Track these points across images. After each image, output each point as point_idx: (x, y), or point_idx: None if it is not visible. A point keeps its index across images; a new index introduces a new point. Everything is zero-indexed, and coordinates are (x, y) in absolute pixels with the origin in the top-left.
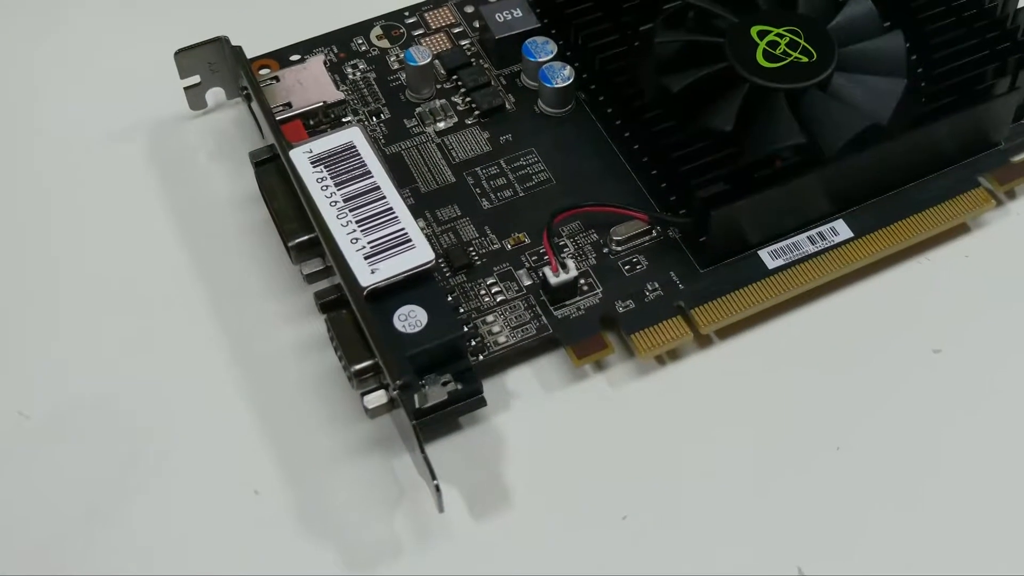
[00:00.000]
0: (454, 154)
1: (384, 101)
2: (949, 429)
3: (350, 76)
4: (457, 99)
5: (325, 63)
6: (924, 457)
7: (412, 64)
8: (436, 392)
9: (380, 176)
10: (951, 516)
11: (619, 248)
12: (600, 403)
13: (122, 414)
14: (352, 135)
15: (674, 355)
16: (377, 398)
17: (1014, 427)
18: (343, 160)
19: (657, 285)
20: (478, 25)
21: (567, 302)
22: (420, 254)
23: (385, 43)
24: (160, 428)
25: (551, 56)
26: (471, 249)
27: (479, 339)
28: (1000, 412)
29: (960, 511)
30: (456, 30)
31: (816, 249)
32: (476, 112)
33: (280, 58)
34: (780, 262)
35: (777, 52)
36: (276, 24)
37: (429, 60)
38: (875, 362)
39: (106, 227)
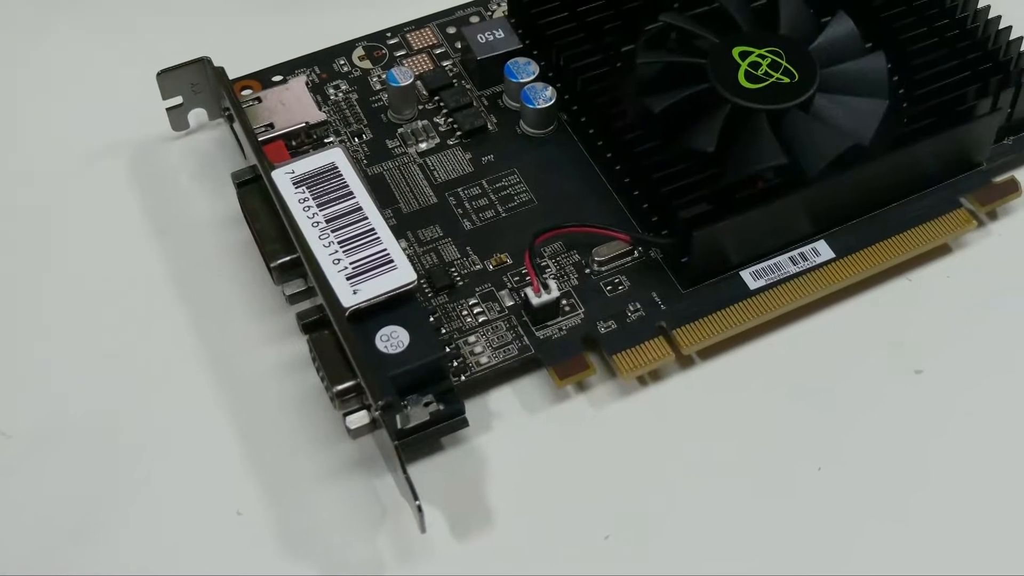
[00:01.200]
0: (436, 175)
1: (366, 122)
2: (931, 449)
3: (332, 97)
4: (439, 120)
5: (307, 84)
6: (906, 477)
7: (394, 85)
8: (418, 413)
9: (362, 197)
10: (935, 536)
11: (601, 269)
12: (582, 424)
13: (104, 434)
14: (334, 156)
15: (656, 376)
16: (359, 418)
17: (996, 447)
18: (325, 181)
19: (639, 306)
20: (460, 46)
21: (549, 323)
22: (402, 275)
23: (367, 64)
24: (142, 448)
25: (533, 77)
26: (453, 270)
27: (461, 359)
28: (982, 432)
29: (943, 530)
30: (438, 51)
31: (798, 269)
32: (458, 133)
33: (262, 79)
34: (762, 283)
35: (759, 73)
36: (258, 45)
37: (411, 81)
38: (857, 382)
39: (89, 247)
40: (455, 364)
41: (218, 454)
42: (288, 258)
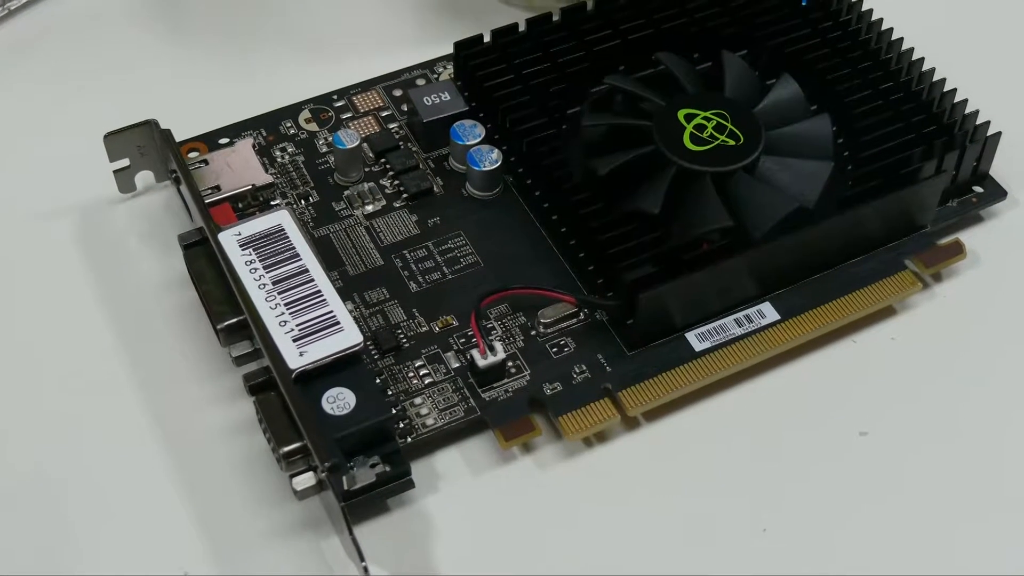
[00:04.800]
0: (382, 237)
1: (313, 184)
2: (876, 512)
3: (279, 159)
4: (385, 182)
5: (254, 146)
6: (851, 540)
7: (340, 147)
8: (364, 474)
9: (309, 259)
10: None
11: (547, 331)
12: (528, 485)
13: (50, 497)
14: (281, 218)
15: (602, 437)
16: (306, 480)
17: (939, 510)
18: (272, 243)
19: (585, 367)
20: (406, 108)
21: (495, 384)
22: (348, 337)
23: (314, 126)
24: (88, 509)
25: (479, 139)
26: (399, 331)
27: (407, 421)
28: (926, 495)
29: None
30: (384, 113)
31: (743, 331)
32: (404, 195)
33: (209, 141)
34: (707, 344)
35: (704, 135)
36: (205, 107)
37: (357, 143)
38: (802, 444)
39: (34, 309)
40: (401, 426)
41: (165, 515)
42: (235, 320)
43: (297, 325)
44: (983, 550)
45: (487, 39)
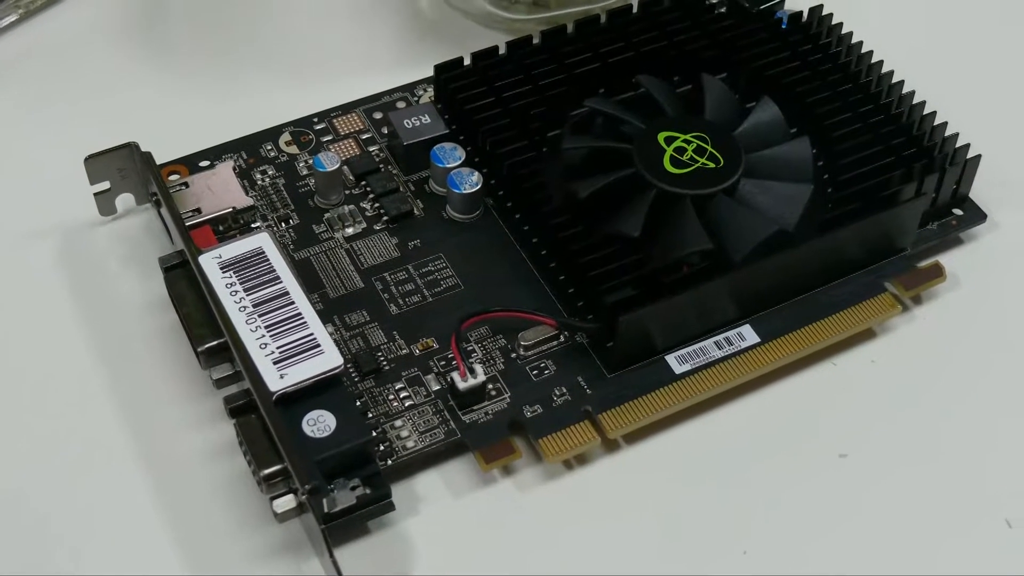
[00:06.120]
0: (362, 259)
1: (293, 207)
2: (856, 534)
3: (259, 182)
4: (366, 205)
5: (234, 169)
6: (831, 562)
7: (321, 170)
8: (345, 497)
9: (289, 281)
10: None
11: (527, 353)
12: (508, 507)
13: (30, 518)
14: (261, 241)
15: (582, 460)
16: (286, 502)
17: (919, 532)
18: (252, 265)
19: (565, 390)
20: (387, 131)
21: (475, 407)
22: (329, 359)
23: (294, 149)
24: (68, 533)
25: (459, 162)
26: (380, 354)
27: (387, 444)
28: (906, 517)
29: None
30: (365, 136)
31: (723, 354)
32: (384, 218)
33: (190, 164)
34: (687, 367)
35: (684, 158)
36: (185, 130)
37: (338, 166)
38: (782, 466)
39: (14, 331)
40: (381, 448)
41: (146, 538)
42: (215, 342)
43: (278, 348)
44: (963, 571)
45: (467, 62)
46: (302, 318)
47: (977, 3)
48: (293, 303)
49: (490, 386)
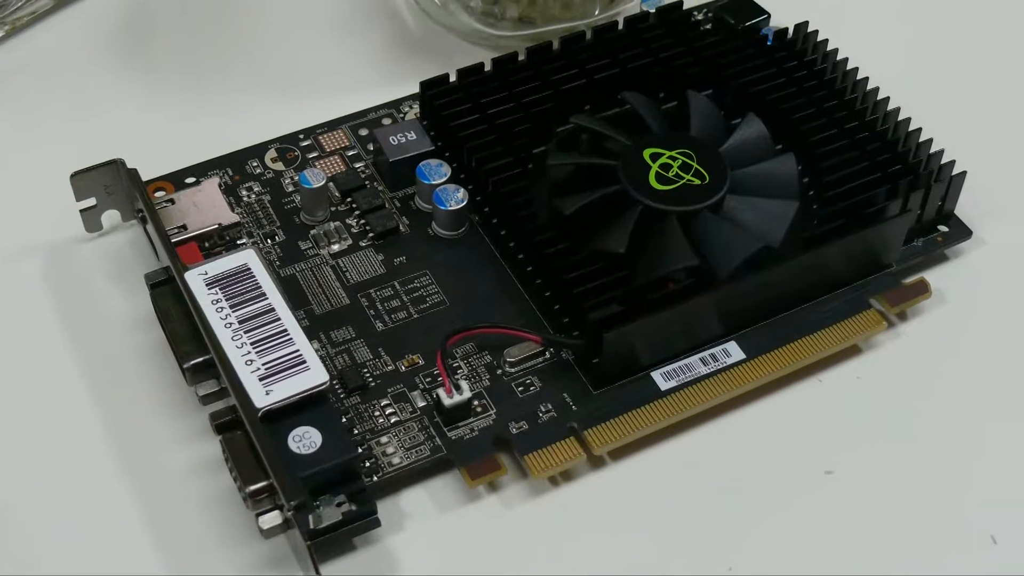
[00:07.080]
0: (348, 276)
1: (279, 223)
2: (842, 550)
3: (245, 198)
4: (351, 221)
5: (220, 185)
6: None
7: (306, 186)
8: (330, 513)
9: (275, 298)
10: None
11: (513, 370)
12: (494, 524)
13: (15, 535)
14: (247, 257)
15: (568, 476)
16: (272, 519)
17: (904, 548)
18: (238, 282)
19: (550, 406)
20: (372, 148)
21: (461, 423)
22: (315, 376)
23: (280, 166)
24: (54, 549)
25: (445, 179)
26: (365, 371)
27: (373, 460)
28: (891, 533)
29: None
30: (350, 152)
31: (708, 371)
32: (370, 234)
33: (175, 181)
34: (673, 383)
35: (670, 174)
36: (171, 147)
37: (323, 182)
38: (768, 483)
39: (1, 348)
40: (367, 464)
41: (131, 554)
42: (201, 359)
43: (263, 364)
44: None
45: (453, 79)
46: (288, 334)
47: (963, 21)
48: (279, 319)
49: (476, 402)
